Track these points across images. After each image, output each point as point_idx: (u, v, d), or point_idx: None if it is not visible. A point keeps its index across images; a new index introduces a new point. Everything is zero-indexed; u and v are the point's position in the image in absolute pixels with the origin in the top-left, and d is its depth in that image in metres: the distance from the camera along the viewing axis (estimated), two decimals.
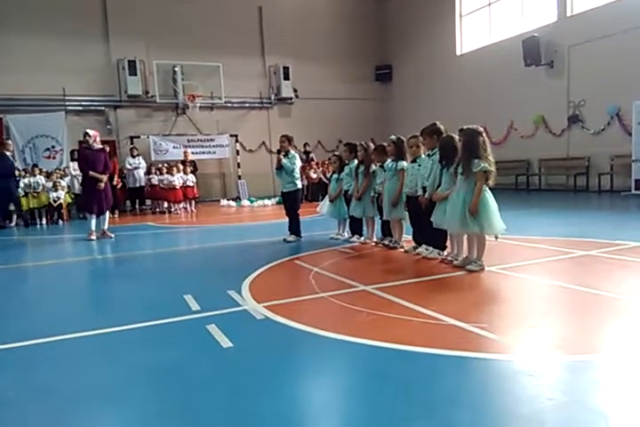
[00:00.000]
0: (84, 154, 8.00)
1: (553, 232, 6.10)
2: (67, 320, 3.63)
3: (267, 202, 13.91)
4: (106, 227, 8.11)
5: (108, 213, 8.19)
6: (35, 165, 11.93)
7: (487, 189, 4.37)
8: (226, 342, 2.92)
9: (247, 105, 16.72)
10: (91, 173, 7.77)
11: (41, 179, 11.29)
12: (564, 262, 4.70)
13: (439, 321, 3.08)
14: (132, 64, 14.69)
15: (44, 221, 10.98)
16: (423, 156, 5.18)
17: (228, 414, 2.11)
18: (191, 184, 13.10)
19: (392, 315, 3.25)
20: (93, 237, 7.88)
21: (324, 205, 7.02)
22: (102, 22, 14.77)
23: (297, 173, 6.84)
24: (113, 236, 8.08)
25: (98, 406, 2.29)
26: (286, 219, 7.01)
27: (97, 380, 2.56)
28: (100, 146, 8.11)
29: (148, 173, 13.02)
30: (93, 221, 7.98)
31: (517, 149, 12.95)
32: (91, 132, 7.97)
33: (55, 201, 11.06)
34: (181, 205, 12.86)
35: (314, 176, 13.61)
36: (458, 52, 15.94)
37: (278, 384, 2.37)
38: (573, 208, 9.17)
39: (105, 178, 7.89)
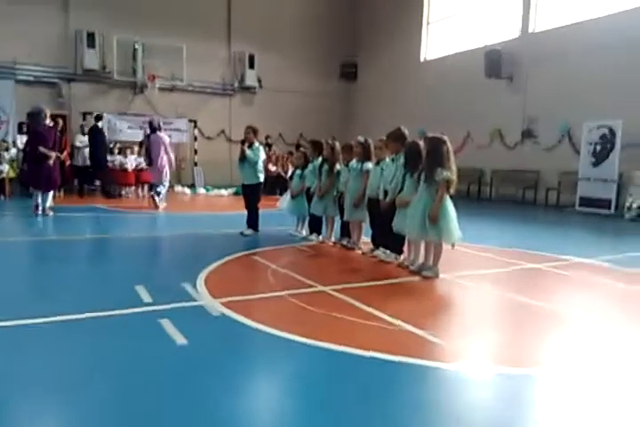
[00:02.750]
0: (35, 130, 7.92)
1: (503, 243, 6.32)
2: (2, 306, 3.43)
3: (223, 192, 13.70)
4: (48, 204, 8.00)
5: (52, 191, 8.07)
6: None
7: (448, 197, 4.46)
8: (180, 339, 2.84)
9: (209, 90, 16.34)
10: (40, 148, 7.67)
11: None
12: (513, 274, 4.88)
13: (394, 326, 3.12)
14: (90, 36, 14.02)
15: None
16: (387, 159, 5.23)
17: (180, 414, 2.06)
18: (145, 167, 12.68)
19: (348, 317, 3.27)
20: (39, 212, 7.80)
21: (285, 201, 6.98)
22: None
23: (260, 166, 6.75)
24: (51, 214, 7.96)
25: (35, 405, 2.17)
26: (244, 211, 6.91)
27: (34, 375, 2.42)
28: (51, 123, 8.14)
29: None
30: (39, 198, 7.86)
31: (472, 158, 13.31)
32: (44, 110, 7.95)
33: None
34: (132, 189, 12.45)
35: (273, 169, 13.50)
36: (422, 58, 16.20)
37: (233, 385, 2.33)
38: (522, 220, 9.55)
39: (54, 155, 7.84)
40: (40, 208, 7.86)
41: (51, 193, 8.04)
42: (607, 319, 3.50)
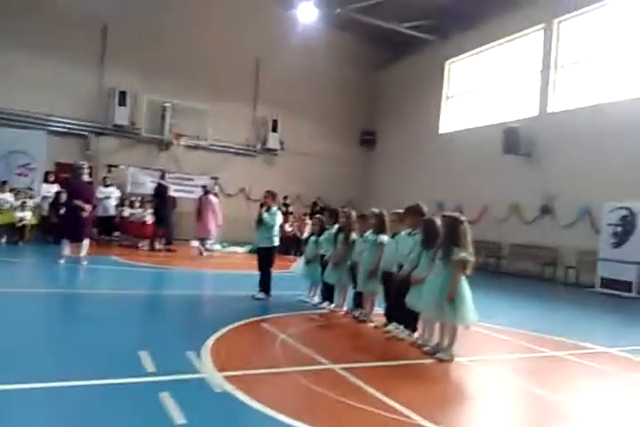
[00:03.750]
0: (73, 183, 8.54)
1: (522, 324, 6.09)
2: None
3: (238, 249, 13.68)
4: (83, 254, 8.40)
5: (86, 240, 8.48)
6: (4, 182, 11.54)
7: (464, 278, 4.37)
8: (178, 418, 2.70)
9: (232, 150, 16.84)
10: (75, 201, 8.21)
11: (9, 196, 10.91)
12: (531, 362, 4.65)
13: (406, 418, 2.94)
14: (122, 95, 14.74)
15: (3, 240, 10.49)
16: (403, 233, 5.19)
17: None
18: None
19: (357, 404, 3.09)
20: (62, 261, 8.17)
21: (299, 266, 6.91)
22: (100, 50, 14.92)
23: (276, 231, 6.76)
24: (85, 263, 8.29)
25: None
26: (256, 272, 6.85)
27: None
28: (89, 179, 8.75)
29: (121, 204, 12.70)
30: (67, 247, 8.28)
31: (489, 230, 13.24)
32: (86, 165, 8.64)
33: (20, 221, 10.63)
34: (149, 242, 12.50)
35: (288, 230, 13.54)
36: (441, 131, 16.61)
37: None
38: (541, 299, 9.27)
39: (88, 208, 8.35)
40: (64, 256, 8.20)
41: (85, 243, 8.39)
42: (633, 421, 3.26)
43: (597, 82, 12.19)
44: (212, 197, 12.03)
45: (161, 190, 12.20)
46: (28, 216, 10.81)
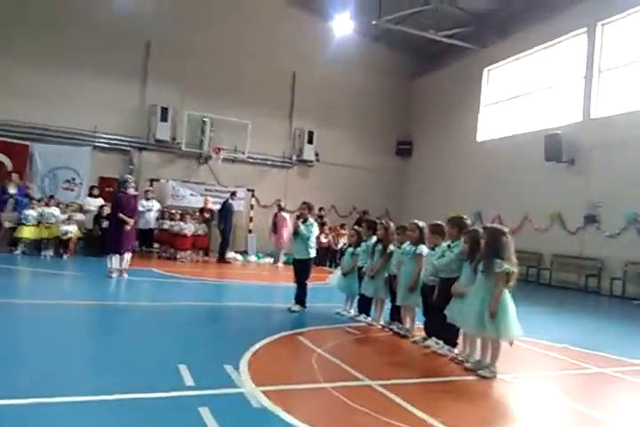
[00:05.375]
0: (119, 197, 8.61)
1: (566, 339, 5.86)
2: (32, 381, 3.36)
3: (271, 260, 13.77)
4: (126, 266, 8.51)
5: (129, 253, 8.59)
6: (52, 196, 12.01)
7: (507, 291, 4.25)
8: None
9: (268, 162, 17.03)
10: (120, 215, 8.36)
11: (55, 210, 11.33)
12: (577, 379, 4.47)
13: None
14: (164, 110, 15.15)
15: (49, 253, 10.88)
16: (444, 244, 5.10)
17: None
18: (202, 233, 13.07)
19: (397, 423, 3.02)
20: (114, 275, 8.32)
21: (335, 277, 6.89)
22: (143, 66, 15.42)
23: (312, 242, 6.78)
24: (126, 276, 8.42)
25: None
26: (292, 284, 6.86)
27: None
28: (135, 192, 8.90)
29: (161, 217, 13.01)
30: (115, 260, 8.38)
31: (530, 241, 12.87)
32: (132, 179, 8.86)
33: (66, 234, 11.01)
34: (188, 253, 12.75)
35: (324, 241, 13.54)
36: (479, 139, 16.33)
37: None
38: (585, 312, 8.93)
39: (132, 222, 8.49)
40: (113, 270, 8.34)
41: (127, 256, 8.49)
42: None
43: None
44: (284, 213, 13.63)
45: (227, 207, 13.42)
46: (73, 229, 11.17)
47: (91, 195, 12.84)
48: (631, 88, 12.02)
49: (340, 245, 13.20)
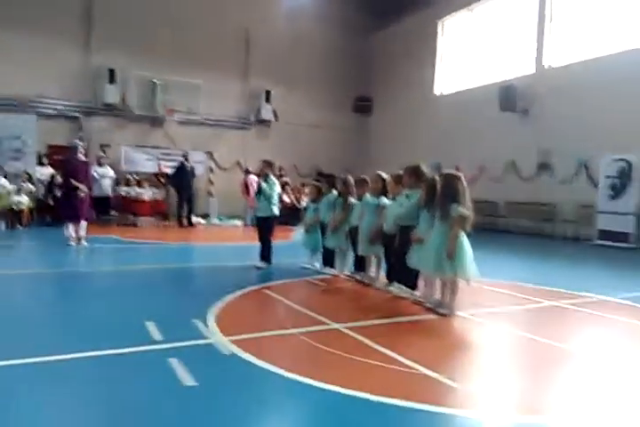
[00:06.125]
0: (70, 164, 8.44)
1: (521, 278, 6.18)
2: (6, 342, 3.37)
3: (236, 222, 13.73)
4: (83, 234, 8.38)
5: (84, 221, 8.44)
6: None
7: (463, 233, 4.39)
8: (188, 380, 2.77)
9: (225, 124, 16.64)
10: (72, 181, 8.19)
11: (4, 181, 10.86)
12: (531, 312, 4.74)
13: (410, 369, 3.01)
14: (111, 73, 14.44)
15: (1, 225, 10.51)
16: (403, 194, 5.19)
17: None
18: (160, 198, 12.85)
19: (361, 359, 3.17)
20: (72, 242, 8.20)
21: (299, 234, 6.95)
22: (86, 28, 14.56)
23: (275, 200, 6.77)
24: (86, 244, 8.29)
25: None
26: (257, 243, 6.89)
27: (37, 417, 2.36)
28: (85, 158, 8.65)
29: (117, 183, 12.67)
30: (71, 228, 8.26)
31: (486, 190, 13.22)
32: (81, 145, 8.60)
33: (17, 205, 10.62)
34: (148, 219, 12.55)
35: (287, 200, 13.54)
36: (436, 93, 16.38)
37: None
38: (539, 254, 9.36)
39: (86, 188, 8.34)
40: (72, 239, 8.21)
41: (84, 223, 8.37)
42: (631, 363, 3.34)
43: (594, 35, 11.91)
44: (252, 175, 13.06)
45: (186, 170, 13.05)
46: (24, 200, 10.78)
47: (40, 164, 12.33)
48: (583, 37, 12.18)
49: (303, 204, 13.25)
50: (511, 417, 2.52)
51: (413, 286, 4.98)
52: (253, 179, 13.13)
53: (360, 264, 5.90)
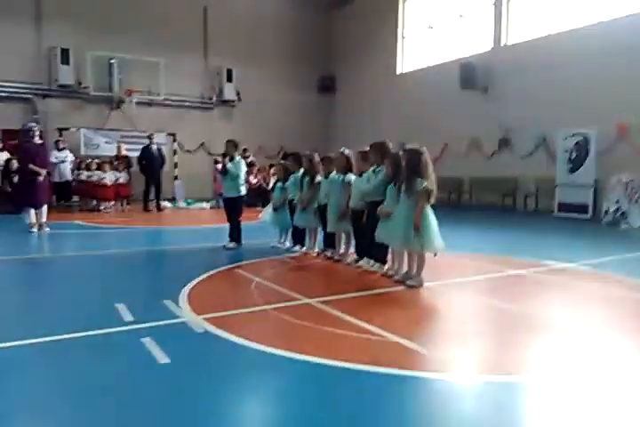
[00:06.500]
0: (25, 147, 8.18)
1: (484, 249, 6.37)
2: None
3: (204, 205, 13.59)
4: (44, 220, 8.19)
5: (45, 206, 8.24)
6: None
7: (429, 207, 4.49)
8: (162, 358, 2.77)
9: (188, 104, 16.29)
10: (31, 166, 7.95)
11: None
12: (496, 281, 4.91)
13: (381, 337, 3.10)
14: (64, 52, 13.88)
15: None
16: (369, 171, 5.24)
17: None
18: (123, 182, 12.57)
19: (333, 329, 3.24)
20: (34, 229, 8.01)
21: (267, 214, 6.95)
22: (36, 4, 13.90)
23: (241, 180, 6.72)
24: (47, 229, 8.12)
25: None
26: (226, 224, 6.86)
27: (13, 399, 2.34)
28: (41, 141, 8.34)
29: (78, 168, 12.31)
30: (32, 214, 8.07)
31: (451, 167, 13.43)
32: (36, 127, 8.26)
33: None
34: (112, 204, 12.28)
35: (254, 182, 13.44)
36: (398, 71, 16.41)
37: (217, 404, 2.29)
38: (502, 227, 9.64)
39: (44, 172, 8.11)
40: (33, 225, 8.03)
41: (44, 209, 8.17)
42: (590, 325, 3.53)
43: (549, 12, 12.12)
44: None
45: (152, 152, 12.76)
46: None
47: None
48: (539, 14, 12.37)
49: (270, 185, 13.17)
50: (481, 378, 2.63)
51: (383, 261, 5.08)
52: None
53: (329, 241, 5.96)
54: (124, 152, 13.52)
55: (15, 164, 10.06)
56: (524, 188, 12.39)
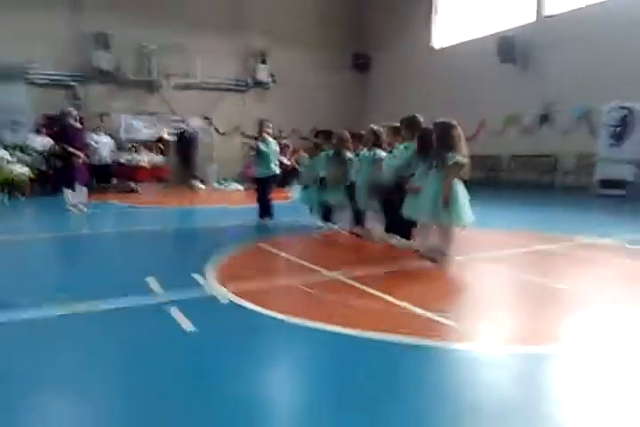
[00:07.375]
0: (65, 130, 8.46)
1: (519, 226, 6.21)
2: (20, 298, 3.45)
3: (238, 186, 13.75)
4: (83, 200, 8.52)
5: (84, 187, 8.58)
6: None
7: (459, 181, 4.38)
8: (189, 327, 2.85)
9: (223, 87, 16.38)
10: (70, 148, 8.22)
11: (4, 153, 10.83)
12: (527, 255, 4.80)
13: (409, 311, 3.08)
14: (103, 38, 14.16)
15: (4, 196, 10.55)
16: (400, 146, 5.15)
17: (192, 398, 2.06)
18: (162, 164, 12.85)
19: (361, 303, 3.24)
20: (73, 208, 8.29)
21: (297, 191, 6.97)
22: None
23: (273, 158, 6.75)
24: (85, 210, 8.35)
25: (55, 394, 2.19)
26: (256, 204, 6.93)
27: (53, 365, 2.45)
28: (80, 125, 8.69)
29: (116, 151, 12.64)
30: (70, 194, 8.35)
31: (487, 144, 13.10)
32: (74, 112, 8.55)
33: (18, 176, 10.63)
34: (149, 185, 12.60)
35: (287, 163, 13.47)
36: (435, 46, 15.97)
37: (242, 369, 2.34)
38: (539, 204, 9.38)
39: (82, 154, 8.41)
40: (71, 204, 8.29)
41: (84, 189, 8.52)
42: (623, 299, 3.41)
43: None
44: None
45: (189, 137, 13.20)
46: (25, 171, 10.78)
47: (38, 133, 12.27)
48: None
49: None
50: (509, 348, 2.59)
51: (410, 237, 5.01)
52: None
53: (359, 219, 5.93)
54: (165, 136, 13.80)
55: (55, 147, 10.40)
56: (563, 164, 11.95)
